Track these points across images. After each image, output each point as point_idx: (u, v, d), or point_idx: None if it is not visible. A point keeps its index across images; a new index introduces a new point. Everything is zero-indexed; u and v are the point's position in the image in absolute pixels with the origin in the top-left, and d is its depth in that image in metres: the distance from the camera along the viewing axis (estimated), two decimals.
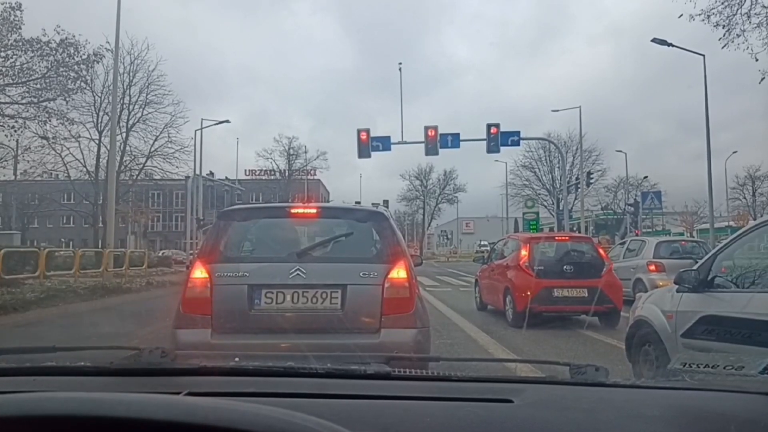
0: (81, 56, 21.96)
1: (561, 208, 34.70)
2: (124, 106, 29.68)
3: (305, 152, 58.31)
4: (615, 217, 49.10)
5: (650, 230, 43.07)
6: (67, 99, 22.48)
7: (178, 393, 1.07)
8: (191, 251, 28.81)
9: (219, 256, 4.06)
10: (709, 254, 4.17)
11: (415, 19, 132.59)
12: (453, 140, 22.63)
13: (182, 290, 4.03)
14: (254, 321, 3.80)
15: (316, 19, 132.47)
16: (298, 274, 3.85)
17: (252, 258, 4.21)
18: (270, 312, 3.81)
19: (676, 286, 4.16)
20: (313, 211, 4.52)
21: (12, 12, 20.17)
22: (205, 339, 3.72)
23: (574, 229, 33.71)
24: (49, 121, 22.07)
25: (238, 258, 4.15)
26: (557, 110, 34.43)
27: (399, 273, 3.95)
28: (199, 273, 3.92)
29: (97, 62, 23.15)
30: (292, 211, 4.51)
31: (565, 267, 8.91)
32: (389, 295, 3.87)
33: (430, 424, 1.02)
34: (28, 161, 27.08)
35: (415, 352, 3.73)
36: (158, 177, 32.56)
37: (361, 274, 3.91)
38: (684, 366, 1.53)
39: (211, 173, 44.00)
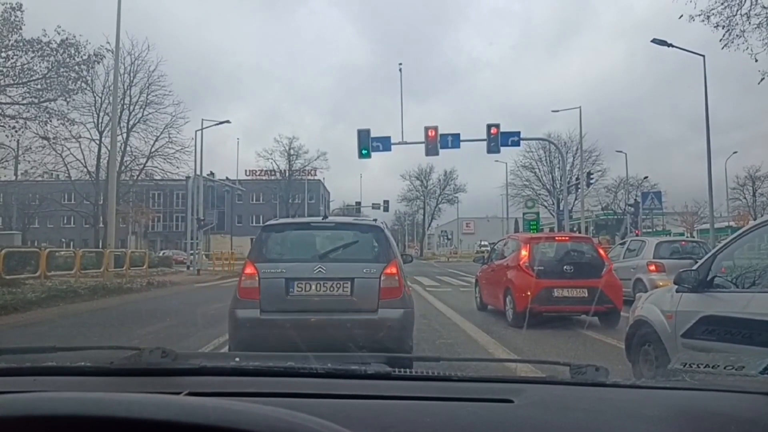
0: (81, 57, 21.89)
1: (561, 208, 34.69)
2: (125, 107, 29.68)
3: (305, 152, 58.40)
4: (615, 217, 49.10)
5: (650, 230, 43.05)
6: (68, 99, 22.47)
7: (179, 393, 1.07)
8: (192, 251, 28.83)
9: (263, 258, 5.37)
10: (709, 254, 4.16)
11: (427, 19, 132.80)
12: (453, 140, 22.59)
13: (238, 282, 5.36)
14: (290, 303, 5.12)
15: (330, 17, 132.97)
16: (320, 270, 5.20)
17: (287, 259, 5.47)
18: (301, 297, 5.13)
19: (676, 286, 4.16)
20: (330, 224, 6.04)
21: (12, 12, 20.15)
22: (255, 316, 5.04)
23: (575, 229, 33.70)
24: (50, 121, 22.05)
25: (277, 259, 5.43)
26: (557, 110, 34.44)
27: (391, 270, 5.22)
28: (250, 270, 5.24)
29: (98, 63, 23.11)
30: (315, 224, 6.09)
31: (565, 267, 8.90)
32: (384, 285, 5.14)
33: (431, 424, 1.03)
34: (28, 161, 27.11)
35: (402, 327, 5.12)
36: (159, 177, 32.55)
37: (364, 270, 5.22)
38: (684, 366, 1.53)
39: (212, 173, 44.01)
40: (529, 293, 8.42)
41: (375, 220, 6.40)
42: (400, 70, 27.53)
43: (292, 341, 4.57)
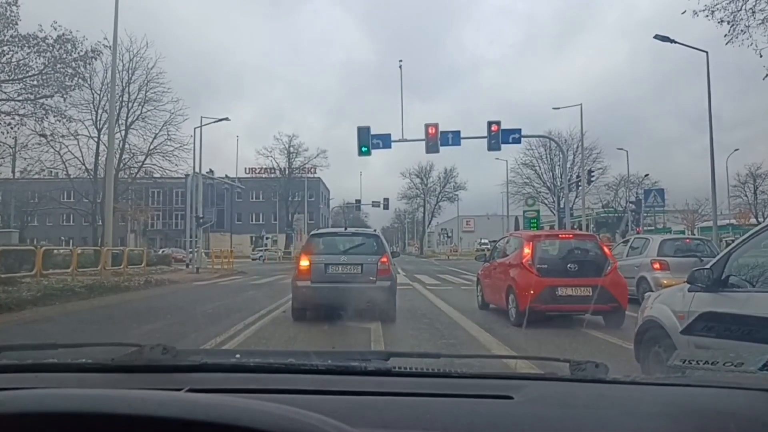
0: (78, 53, 21.58)
1: (562, 205, 34.67)
2: (123, 104, 29.44)
3: (305, 150, 58.33)
4: (616, 215, 49.02)
5: (651, 228, 42.99)
6: (65, 96, 22.11)
7: (180, 389, 1.07)
8: (191, 249, 28.83)
9: (312, 252, 9.33)
10: (723, 252, 4.03)
11: (431, 17, 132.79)
12: (453, 138, 22.52)
13: (297, 266, 9.41)
14: (327, 277, 8.96)
15: (333, 16, 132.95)
16: (343, 259, 9.19)
17: (325, 252, 9.33)
18: (333, 274, 9.02)
19: (688, 286, 4.02)
20: (348, 233, 10.38)
21: (8, 7, 19.91)
22: (308, 284, 8.90)
23: (575, 227, 33.68)
24: (47, 118, 21.80)
25: (319, 252, 9.30)
26: (558, 108, 34.27)
27: (384, 260, 9.18)
28: (305, 259, 9.20)
29: (95, 59, 22.82)
30: (340, 233, 10.53)
31: (568, 265, 8.73)
32: (380, 268, 9.05)
33: (431, 421, 1.03)
34: (26, 159, 26.98)
35: (390, 290, 9.02)
36: (158, 175, 32.44)
37: (368, 260, 9.14)
38: (684, 363, 1.53)
39: (211, 171, 44.00)
40: (532, 292, 8.35)
41: (375, 230, 11.31)
42: (400, 67, 27.48)
43: (329, 298, 8.73)
